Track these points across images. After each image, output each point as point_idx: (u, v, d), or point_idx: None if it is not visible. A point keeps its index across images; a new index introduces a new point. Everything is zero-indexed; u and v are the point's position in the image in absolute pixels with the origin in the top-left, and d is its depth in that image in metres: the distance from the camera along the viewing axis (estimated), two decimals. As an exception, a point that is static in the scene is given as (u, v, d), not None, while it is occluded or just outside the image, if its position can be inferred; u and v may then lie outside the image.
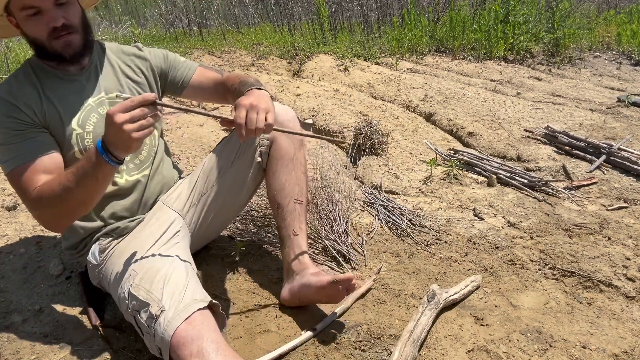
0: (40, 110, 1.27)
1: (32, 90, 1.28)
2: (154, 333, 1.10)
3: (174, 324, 1.08)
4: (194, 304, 1.11)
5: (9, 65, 3.21)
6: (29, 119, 1.25)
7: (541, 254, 1.78)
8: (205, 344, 1.06)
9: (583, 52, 5.49)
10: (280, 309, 1.47)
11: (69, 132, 1.30)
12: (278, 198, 1.50)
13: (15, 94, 1.25)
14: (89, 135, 1.33)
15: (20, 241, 1.74)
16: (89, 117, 1.33)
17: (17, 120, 1.23)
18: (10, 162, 1.22)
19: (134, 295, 1.17)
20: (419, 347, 1.29)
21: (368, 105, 3.29)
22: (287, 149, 1.49)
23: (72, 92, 1.33)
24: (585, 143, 2.67)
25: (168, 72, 1.53)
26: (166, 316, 1.09)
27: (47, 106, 1.28)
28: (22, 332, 1.37)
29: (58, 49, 1.25)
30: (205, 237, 1.62)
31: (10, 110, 1.23)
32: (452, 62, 4.82)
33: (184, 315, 1.09)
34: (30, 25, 1.22)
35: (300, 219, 1.51)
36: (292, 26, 5.42)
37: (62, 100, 1.31)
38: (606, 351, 1.32)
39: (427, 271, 1.67)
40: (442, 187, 2.31)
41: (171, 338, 1.06)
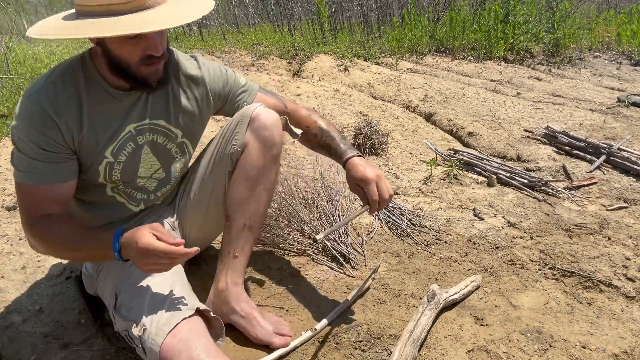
0: (77, 135, 1.15)
1: (76, 111, 1.14)
2: (144, 350, 1.07)
3: (158, 340, 1.04)
4: (177, 314, 1.07)
5: (9, 66, 3.21)
6: (62, 143, 1.13)
7: (541, 254, 1.78)
8: (195, 354, 1.03)
9: (583, 52, 5.49)
10: (280, 309, 1.47)
11: (100, 160, 1.20)
12: (230, 210, 1.34)
13: (58, 109, 1.11)
14: (119, 165, 1.23)
15: (20, 241, 1.74)
16: (125, 146, 1.22)
17: (49, 140, 1.11)
18: (24, 175, 1.12)
19: (118, 316, 1.14)
20: (419, 347, 1.29)
21: (368, 105, 3.29)
22: (255, 161, 1.32)
23: (115, 114, 1.19)
24: (585, 143, 2.67)
25: (226, 97, 1.40)
26: (149, 333, 1.05)
27: (86, 132, 1.16)
28: (22, 332, 1.37)
29: (145, 75, 1.12)
30: (200, 244, 1.58)
31: (47, 126, 1.10)
32: (452, 62, 4.83)
33: (166, 329, 1.05)
34: (125, 48, 1.07)
35: (248, 239, 1.35)
36: (292, 26, 5.42)
37: (103, 126, 1.18)
38: (606, 351, 1.32)
39: (427, 271, 1.67)
40: (442, 187, 2.32)
41: (159, 354, 1.03)
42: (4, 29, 5.57)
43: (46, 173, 1.12)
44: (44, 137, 1.10)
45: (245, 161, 1.32)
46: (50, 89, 1.12)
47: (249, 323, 1.31)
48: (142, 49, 1.07)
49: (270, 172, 1.35)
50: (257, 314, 1.33)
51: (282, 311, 1.46)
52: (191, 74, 1.32)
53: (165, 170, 1.34)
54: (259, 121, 1.31)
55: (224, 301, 1.34)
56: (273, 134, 1.32)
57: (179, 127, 1.31)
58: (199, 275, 1.61)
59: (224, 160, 1.35)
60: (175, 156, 1.34)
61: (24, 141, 1.10)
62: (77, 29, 1.03)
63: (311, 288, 1.57)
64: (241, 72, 3.66)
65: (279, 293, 1.54)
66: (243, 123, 1.32)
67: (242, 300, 1.33)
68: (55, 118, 1.10)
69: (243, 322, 1.31)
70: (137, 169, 1.27)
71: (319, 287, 1.57)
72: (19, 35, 5.23)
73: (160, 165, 1.32)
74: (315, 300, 1.51)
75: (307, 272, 1.65)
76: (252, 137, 1.31)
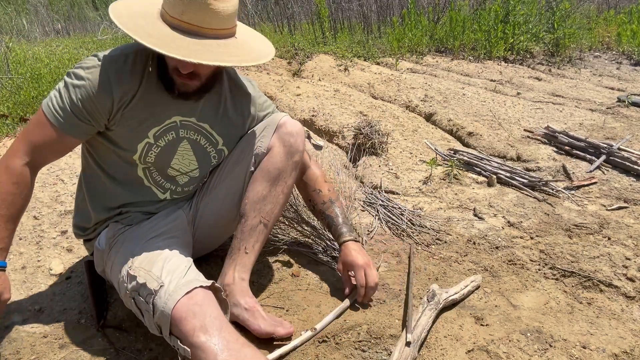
0: (125, 107, 1.24)
1: (135, 83, 1.24)
2: (153, 309, 1.08)
3: (175, 297, 1.06)
4: (195, 281, 1.11)
5: (9, 65, 3.21)
6: (107, 109, 1.22)
7: (541, 254, 1.78)
8: (209, 320, 1.05)
9: (583, 52, 5.50)
10: (280, 309, 1.47)
11: (142, 138, 1.29)
12: (247, 208, 1.40)
13: (120, 76, 1.21)
14: (157, 149, 1.32)
15: (20, 241, 1.74)
16: (167, 133, 1.31)
17: (95, 103, 1.20)
18: (52, 110, 1.21)
19: (133, 276, 1.16)
20: (419, 347, 1.29)
21: (368, 105, 3.30)
22: (278, 164, 1.40)
23: (167, 104, 1.29)
24: (585, 143, 2.67)
25: (260, 120, 1.49)
26: (167, 289, 1.08)
27: (135, 106, 1.25)
28: (22, 332, 1.37)
29: (175, 82, 1.23)
30: (209, 242, 1.60)
31: (101, 90, 1.20)
32: (452, 62, 4.83)
33: (185, 289, 1.07)
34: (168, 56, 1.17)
35: (259, 238, 1.41)
36: (292, 26, 5.42)
37: (154, 107, 1.27)
38: (606, 351, 1.32)
39: (427, 271, 1.67)
40: (442, 187, 2.31)
41: (172, 311, 1.05)
42: (4, 29, 5.57)
43: (68, 123, 1.21)
44: (93, 99, 1.20)
45: (269, 162, 1.40)
46: (121, 57, 1.23)
47: (252, 315, 1.33)
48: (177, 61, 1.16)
49: (289, 177, 1.43)
50: (260, 309, 1.35)
51: (282, 311, 1.46)
52: (245, 91, 1.45)
53: (201, 170, 1.43)
54: (286, 128, 1.40)
55: (229, 294, 1.36)
56: (297, 141, 1.41)
57: (222, 135, 1.41)
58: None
59: (247, 160, 1.43)
60: (213, 160, 1.44)
61: (74, 89, 1.20)
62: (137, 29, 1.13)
63: (311, 288, 1.57)
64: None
65: (279, 293, 1.54)
66: (270, 128, 1.42)
67: (247, 295, 1.36)
68: (114, 85, 1.20)
69: (246, 314, 1.33)
70: (171, 159, 1.36)
71: (319, 287, 1.57)
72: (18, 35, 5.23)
73: (198, 166, 1.41)
74: (315, 300, 1.51)
75: (307, 272, 1.65)
76: (278, 142, 1.40)
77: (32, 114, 2.54)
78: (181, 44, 1.11)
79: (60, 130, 1.22)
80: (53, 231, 1.80)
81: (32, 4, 6.41)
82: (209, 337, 1.03)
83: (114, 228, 1.36)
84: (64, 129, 1.22)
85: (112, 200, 1.37)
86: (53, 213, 1.90)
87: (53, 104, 1.22)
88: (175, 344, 1.07)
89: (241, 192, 1.45)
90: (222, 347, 1.03)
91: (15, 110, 2.55)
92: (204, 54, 1.11)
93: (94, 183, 1.38)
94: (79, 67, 1.22)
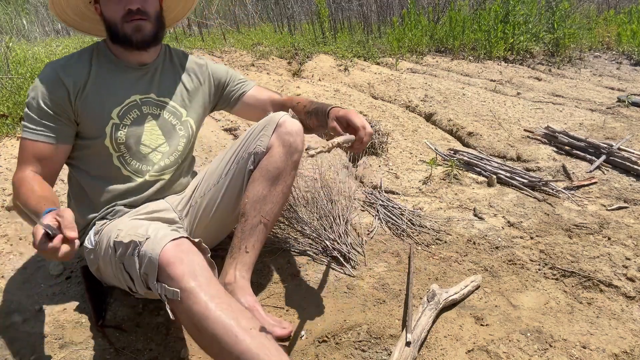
0: (81, 94, 1.32)
1: (84, 70, 1.34)
2: (140, 261, 1.07)
3: (162, 242, 1.06)
4: (181, 233, 1.13)
5: (9, 65, 3.21)
6: (67, 103, 1.30)
7: (541, 254, 1.78)
8: (198, 268, 1.04)
9: (583, 52, 5.49)
10: (280, 309, 1.47)
11: (106, 120, 1.35)
12: (247, 207, 1.40)
13: (67, 69, 1.32)
14: (124, 128, 1.37)
15: (20, 241, 1.74)
16: (130, 111, 1.38)
17: (55, 100, 1.29)
18: (28, 131, 1.30)
19: (118, 242, 1.16)
20: (419, 347, 1.29)
21: (368, 105, 3.30)
22: (278, 163, 1.40)
23: (122, 83, 1.38)
24: (585, 143, 2.67)
25: (225, 83, 1.58)
26: (153, 239, 1.08)
27: (90, 91, 1.33)
28: (22, 332, 1.37)
29: (128, 32, 1.31)
30: (207, 241, 1.60)
31: (55, 85, 1.29)
32: (452, 62, 4.83)
33: (170, 237, 1.07)
34: (109, 7, 1.30)
35: (259, 237, 1.41)
36: (292, 26, 5.42)
37: (109, 88, 1.36)
38: (606, 351, 1.32)
39: (427, 271, 1.67)
40: (442, 187, 2.31)
41: (159, 255, 1.03)
42: (4, 29, 5.57)
43: (46, 131, 1.30)
44: (51, 96, 1.29)
45: (268, 161, 1.40)
46: (67, 57, 1.36)
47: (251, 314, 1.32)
48: (122, 6, 1.29)
49: (288, 176, 1.43)
50: (260, 308, 1.35)
51: (282, 311, 1.46)
52: (196, 62, 1.55)
53: (170, 144, 1.46)
54: (285, 127, 1.41)
55: (230, 293, 1.35)
56: (297, 140, 1.41)
57: (184, 106, 1.48)
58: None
59: (246, 159, 1.43)
60: (179, 132, 1.47)
61: (34, 100, 1.29)
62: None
63: (311, 288, 1.57)
64: (240, 71, 3.66)
65: (279, 293, 1.54)
66: (269, 127, 1.42)
67: (247, 294, 1.36)
68: (64, 77, 1.30)
69: None
70: (141, 135, 1.40)
71: (319, 287, 1.57)
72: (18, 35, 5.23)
73: (165, 140, 1.44)
74: (315, 300, 1.51)
75: (307, 272, 1.65)
76: (277, 141, 1.40)
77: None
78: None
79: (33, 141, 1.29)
80: (53, 231, 1.80)
81: (32, 4, 6.41)
82: (198, 284, 1.02)
83: (99, 224, 1.38)
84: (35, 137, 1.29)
85: (96, 198, 1.40)
86: (53, 213, 1.89)
87: (27, 126, 1.30)
88: (162, 290, 1.04)
89: (240, 190, 1.44)
90: (212, 295, 1.02)
91: (15, 110, 2.54)
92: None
93: (77, 189, 1.43)
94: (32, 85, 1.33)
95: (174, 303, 1.03)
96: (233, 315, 1.01)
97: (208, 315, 0.99)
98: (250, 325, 1.01)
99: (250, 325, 1.01)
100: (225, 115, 2.95)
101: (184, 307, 1.02)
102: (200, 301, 1.01)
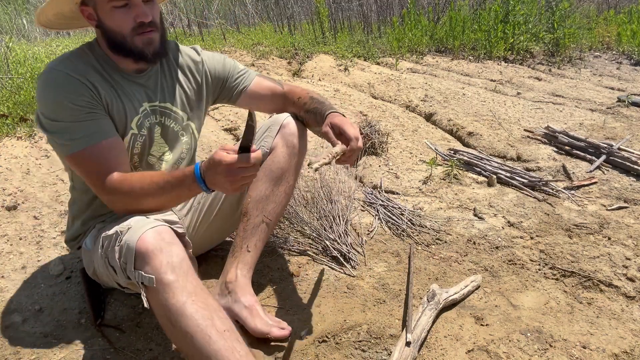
0: (107, 97, 1.21)
1: (98, 75, 1.21)
2: (120, 249, 1.04)
3: (140, 231, 1.03)
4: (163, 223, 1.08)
5: (8, 65, 3.21)
6: (97, 99, 1.19)
7: (541, 254, 1.78)
8: (176, 260, 1.01)
9: (583, 52, 5.49)
10: (280, 309, 1.47)
11: (127, 131, 1.26)
12: (249, 207, 1.40)
13: (82, 73, 1.18)
14: (141, 138, 1.30)
15: (20, 241, 1.74)
16: (145, 120, 1.30)
17: (88, 99, 1.16)
18: (81, 140, 1.15)
19: (105, 236, 1.13)
20: (419, 347, 1.29)
21: (368, 105, 3.29)
22: (281, 164, 1.41)
23: (133, 92, 1.28)
24: (585, 143, 2.67)
25: (225, 79, 1.49)
26: (134, 228, 1.05)
27: (113, 97, 1.23)
28: (22, 332, 1.37)
29: (139, 45, 1.20)
30: (208, 239, 1.61)
31: (80, 87, 1.16)
32: (452, 62, 4.82)
33: (151, 225, 1.04)
34: (115, 17, 1.17)
35: (261, 237, 1.41)
36: (292, 26, 5.41)
37: (127, 97, 1.26)
38: (606, 351, 1.32)
39: (427, 271, 1.67)
40: (442, 187, 2.31)
41: (137, 243, 1.01)
42: (4, 29, 5.57)
43: (98, 129, 1.17)
44: (81, 97, 1.15)
45: (272, 162, 1.40)
46: (66, 62, 1.18)
47: (250, 314, 1.33)
48: (132, 18, 1.17)
49: (291, 177, 1.44)
50: (260, 308, 1.35)
51: (282, 311, 1.46)
52: (192, 58, 1.43)
53: (173, 152, 1.41)
54: (289, 129, 1.41)
55: (230, 291, 1.37)
56: (301, 142, 1.42)
57: (184, 110, 1.40)
58: (199, 274, 1.61)
59: None
60: (182, 138, 1.42)
61: (62, 109, 1.14)
62: None
63: (311, 288, 1.57)
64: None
65: (279, 293, 1.54)
66: (273, 128, 1.43)
67: (248, 293, 1.36)
68: (83, 79, 1.16)
69: (245, 312, 1.33)
70: (151, 145, 1.35)
71: (319, 287, 1.57)
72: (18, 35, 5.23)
73: (168, 148, 1.39)
74: (315, 300, 1.51)
75: (307, 272, 1.65)
76: (281, 142, 1.40)
77: (32, 114, 2.54)
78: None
79: (97, 143, 1.16)
80: (53, 231, 1.80)
81: (32, 4, 6.41)
82: (176, 278, 1.00)
83: (98, 227, 1.34)
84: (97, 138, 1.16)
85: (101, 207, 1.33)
86: (53, 213, 1.90)
87: (65, 138, 1.16)
88: (139, 276, 1.02)
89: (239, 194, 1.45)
90: (189, 291, 1.00)
91: (15, 110, 2.54)
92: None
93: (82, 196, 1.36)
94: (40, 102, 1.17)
95: (150, 293, 1.02)
96: (208, 314, 1.00)
97: (183, 312, 0.99)
98: (224, 327, 1.00)
99: (225, 326, 1.01)
100: (225, 115, 2.95)
101: (159, 299, 1.00)
102: (176, 296, 0.99)
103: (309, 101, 1.48)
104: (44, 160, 2.20)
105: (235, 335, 1.01)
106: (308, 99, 1.48)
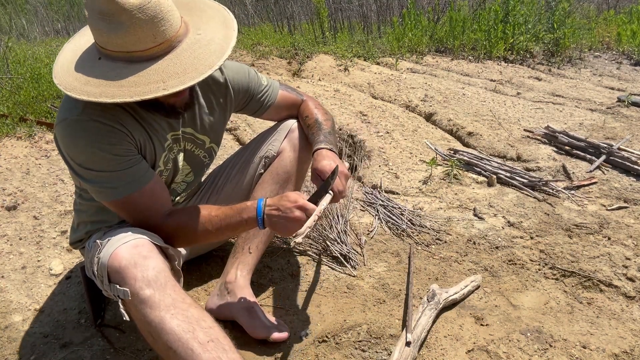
0: (140, 139, 1.15)
1: (127, 115, 1.13)
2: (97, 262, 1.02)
3: (115, 245, 1.00)
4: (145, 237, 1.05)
5: (8, 65, 3.21)
6: (134, 144, 1.13)
7: (541, 254, 1.78)
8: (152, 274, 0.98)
9: (583, 52, 5.49)
10: (280, 309, 1.47)
11: (155, 169, 1.22)
12: None
13: (114, 118, 1.09)
14: (166, 172, 1.28)
15: (20, 241, 1.74)
16: (170, 153, 1.26)
17: (126, 147, 1.11)
18: (123, 188, 1.10)
19: (92, 244, 1.11)
20: (419, 347, 1.29)
21: (368, 105, 3.29)
22: (288, 167, 1.42)
23: (159, 125, 1.20)
24: (585, 143, 2.67)
25: (249, 97, 1.43)
26: (112, 240, 1.03)
27: (145, 138, 1.17)
28: (22, 332, 1.37)
29: (173, 103, 1.15)
30: (202, 246, 1.61)
31: (116, 136, 1.09)
32: (452, 62, 4.82)
33: (126, 240, 1.01)
34: None
35: (263, 239, 1.42)
36: (292, 26, 5.41)
37: (155, 134, 1.20)
38: (606, 351, 1.32)
39: (427, 271, 1.67)
40: (442, 187, 2.31)
41: (108, 260, 0.98)
42: (4, 29, 5.56)
43: (141, 174, 1.12)
44: (119, 146, 1.09)
45: (279, 165, 1.43)
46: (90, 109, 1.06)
47: (249, 315, 1.33)
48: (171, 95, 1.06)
49: (297, 180, 1.46)
50: (259, 309, 1.35)
51: (282, 311, 1.46)
52: (215, 81, 1.34)
53: (195, 174, 1.42)
54: (297, 134, 1.45)
55: (230, 292, 1.37)
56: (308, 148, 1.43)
57: (206, 133, 1.35)
58: (199, 274, 1.62)
59: (256, 162, 1.45)
60: (204, 161, 1.41)
61: (101, 160, 1.07)
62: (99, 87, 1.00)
63: (311, 288, 1.57)
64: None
65: (279, 293, 1.54)
66: (282, 132, 1.45)
67: (247, 294, 1.37)
68: (117, 125, 1.09)
69: (244, 313, 1.33)
70: (176, 174, 1.33)
71: (319, 287, 1.57)
72: (18, 35, 5.23)
73: (191, 170, 1.39)
74: (315, 300, 1.51)
75: (307, 272, 1.65)
76: (289, 146, 1.43)
77: (31, 114, 2.54)
78: (167, 70, 1.01)
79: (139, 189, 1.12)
80: (53, 231, 1.80)
81: (32, 4, 6.41)
82: (152, 292, 0.97)
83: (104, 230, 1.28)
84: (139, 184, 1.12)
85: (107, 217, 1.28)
86: (53, 213, 1.90)
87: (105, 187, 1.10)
88: (115, 290, 0.99)
89: (247, 192, 1.46)
90: (167, 304, 0.97)
91: (15, 110, 2.54)
92: (189, 74, 1.02)
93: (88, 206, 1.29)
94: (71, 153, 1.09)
95: (129, 307, 1.00)
96: (189, 327, 0.97)
97: (163, 327, 0.96)
98: (208, 338, 0.97)
99: (208, 337, 0.97)
100: (225, 115, 2.95)
101: (138, 314, 0.98)
102: (154, 311, 0.96)
103: (312, 124, 1.47)
104: (44, 160, 2.20)
105: (221, 345, 0.98)
106: (312, 122, 1.46)
